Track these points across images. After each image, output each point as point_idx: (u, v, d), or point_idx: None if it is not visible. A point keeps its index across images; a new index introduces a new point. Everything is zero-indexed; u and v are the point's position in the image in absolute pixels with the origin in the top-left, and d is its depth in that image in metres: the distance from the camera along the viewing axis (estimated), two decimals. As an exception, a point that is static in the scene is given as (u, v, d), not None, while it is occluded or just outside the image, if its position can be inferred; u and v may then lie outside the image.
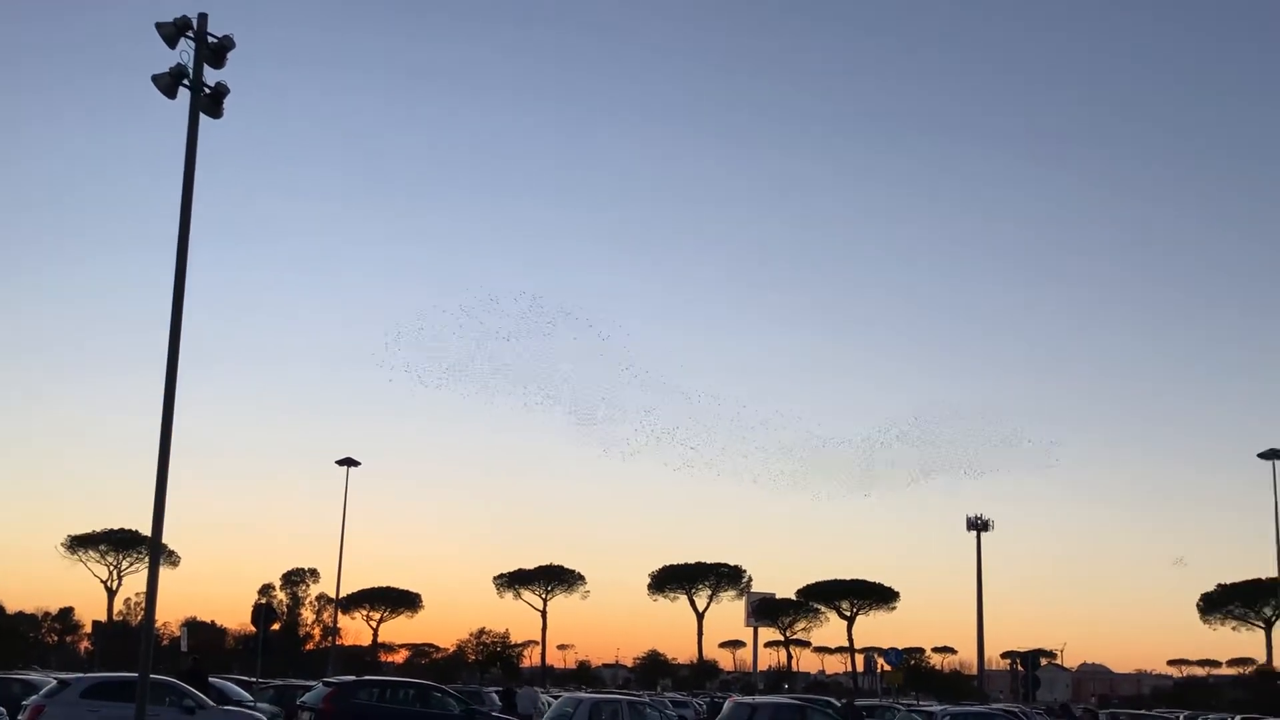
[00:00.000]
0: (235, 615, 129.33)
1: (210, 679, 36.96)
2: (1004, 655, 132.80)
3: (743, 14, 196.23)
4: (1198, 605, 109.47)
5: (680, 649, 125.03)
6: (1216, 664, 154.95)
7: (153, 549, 22.22)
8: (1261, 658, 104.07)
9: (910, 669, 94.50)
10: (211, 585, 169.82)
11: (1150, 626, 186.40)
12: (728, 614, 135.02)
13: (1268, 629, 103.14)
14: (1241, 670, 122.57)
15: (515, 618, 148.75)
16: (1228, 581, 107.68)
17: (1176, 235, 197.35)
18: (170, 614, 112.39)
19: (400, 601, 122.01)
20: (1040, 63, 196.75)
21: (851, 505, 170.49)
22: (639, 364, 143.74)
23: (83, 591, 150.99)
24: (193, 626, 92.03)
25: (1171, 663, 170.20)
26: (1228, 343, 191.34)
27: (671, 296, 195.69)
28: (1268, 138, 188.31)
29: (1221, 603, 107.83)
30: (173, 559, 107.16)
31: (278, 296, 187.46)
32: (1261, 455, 66.86)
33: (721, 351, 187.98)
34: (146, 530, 22.27)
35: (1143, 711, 59.69)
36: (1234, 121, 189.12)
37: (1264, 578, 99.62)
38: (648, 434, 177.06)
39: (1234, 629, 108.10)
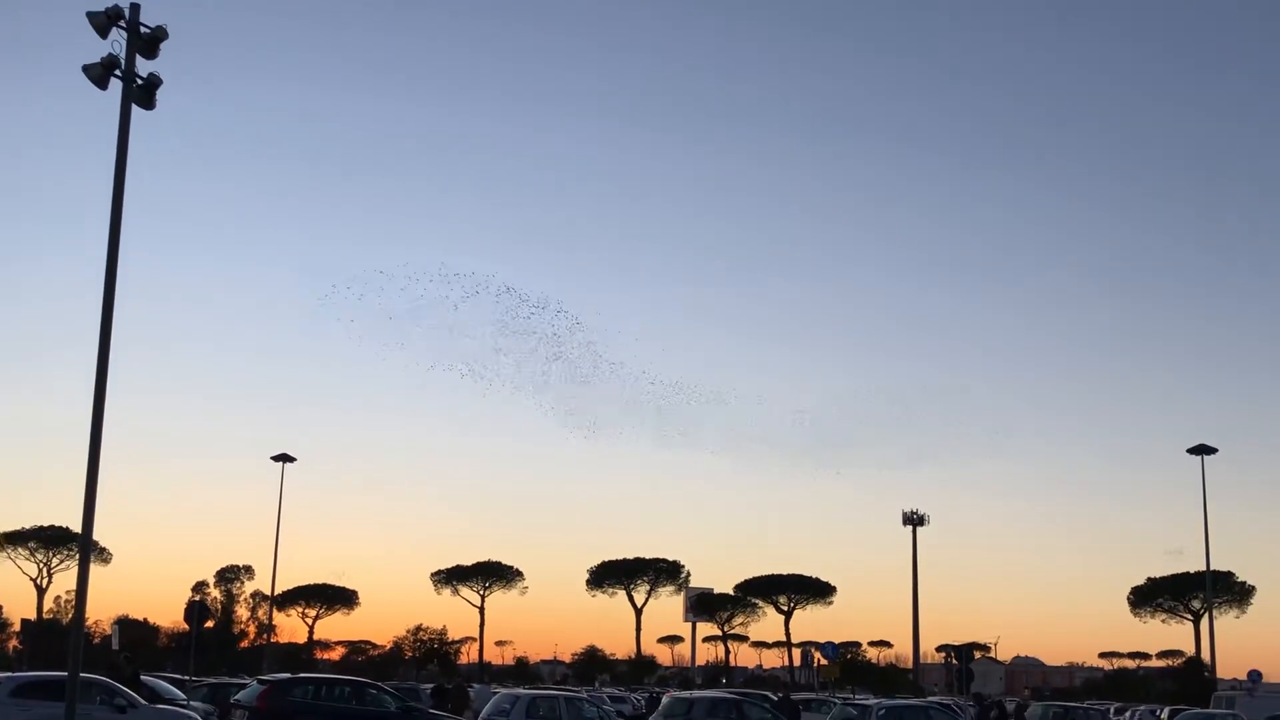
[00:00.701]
0: (168, 613, 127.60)
1: (143, 677, 36.56)
2: (939, 649, 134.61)
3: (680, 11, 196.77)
4: (1128, 598, 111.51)
5: (619, 645, 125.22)
6: (1147, 656, 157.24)
7: (83, 546, 21.98)
8: (1190, 650, 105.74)
9: (846, 663, 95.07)
10: (144, 582, 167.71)
11: (1082, 620, 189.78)
12: (666, 609, 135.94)
13: (1196, 621, 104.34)
14: (1171, 662, 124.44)
15: (453, 614, 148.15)
16: (1157, 575, 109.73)
17: (1113, 235, 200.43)
18: (102, 612, 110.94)
19: (336, 598, 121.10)
20: (983, 60, 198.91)
21: (789, 499, 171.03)
22: (580, 351, 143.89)
23: (11, 589, 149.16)
24: (125, 624, 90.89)
25: (1103, 655, 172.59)
26: (1160, 339, 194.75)
27: (615, 284, 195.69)
28: (1207, 135, 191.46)
29: (1151, 596, 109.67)
30: (104, 556, 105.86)
31: (212, 288, 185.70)
32: (1191, 451, 68.23)
33: (661, 335, 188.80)
34: (77, 526, 22.02)
35: (1074, 704, 60.44)
36: (1177, 118, 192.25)
37: (1192, 571, 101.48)
38: (588, 425, 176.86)
39: (1164, 622, 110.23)
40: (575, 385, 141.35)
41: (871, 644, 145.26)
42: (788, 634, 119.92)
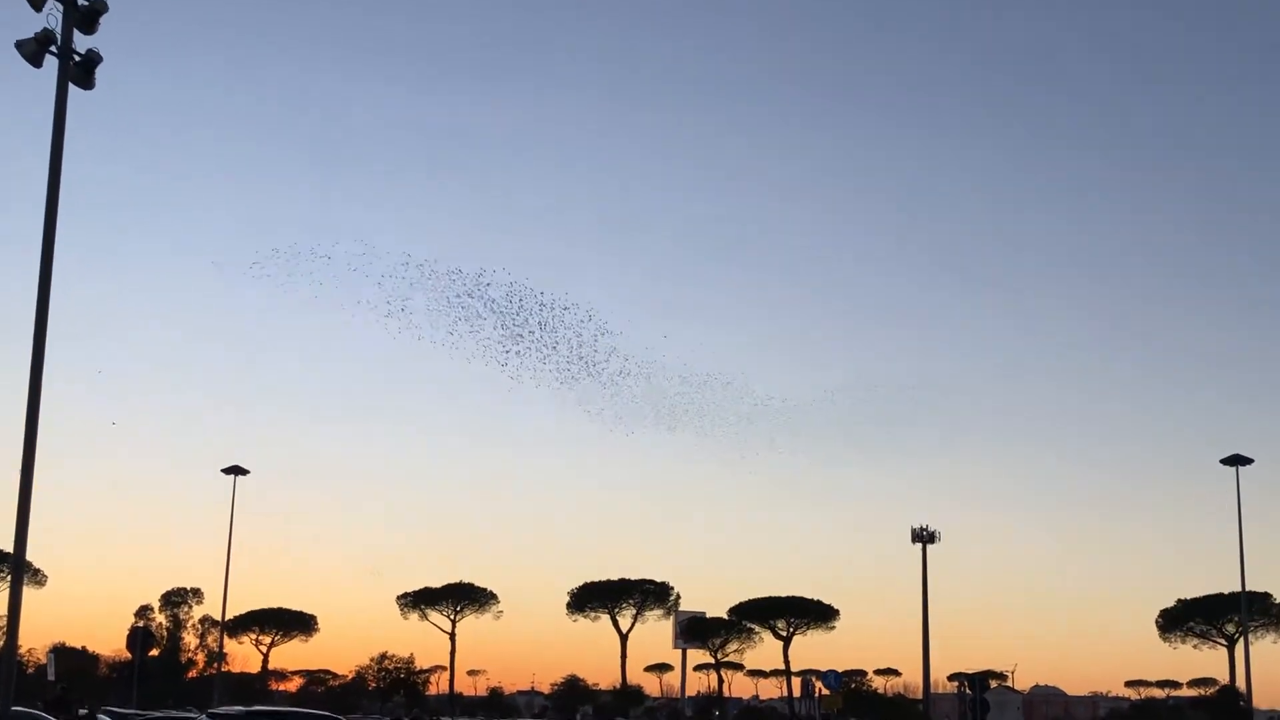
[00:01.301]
0: (109, 640, 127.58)
1: (82, 710, 36.54)
2: (951, 677, 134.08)
3: None
4: (1157, 622, 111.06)
5: (602, 673, 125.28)
6: (1177, 685, 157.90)
7: (15, 566, 21.93)
8: (1224, 677, 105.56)
9: (851, 693, 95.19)
10: (82, 606, 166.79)
11: (1107, 645, 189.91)
12: (654, 635, 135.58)
13: (1230, 647, 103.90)
14: (1203, 691, 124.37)
15: (421, 641, 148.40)
16: (1189, 596, 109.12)
17: (1140, 240, 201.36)
18: (35, 639, 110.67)
19: (293, 624, 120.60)
20: (977, 45, 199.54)
21: (788, 515, 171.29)
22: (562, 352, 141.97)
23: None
24: (61, 653, 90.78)
25: (1129, 684, 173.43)
26: (1191, 343, 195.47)
27: (604, 276, 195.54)
28: (1255, 137, 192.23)
29: (1182, 619, 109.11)
30: (38, 578, 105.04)
31: (158, 280, 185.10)
32: (1224, 461, 68.34)
33: (647, 331, 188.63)
34: (8, 545, 21.94)
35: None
36: (1219, 117, 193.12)
37: (1226, 592, 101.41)
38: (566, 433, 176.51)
39: (1195, 647, 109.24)
40: (557, 389, 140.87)
41: (878, 672, 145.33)
42: (786, 661, 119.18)
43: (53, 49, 22.16)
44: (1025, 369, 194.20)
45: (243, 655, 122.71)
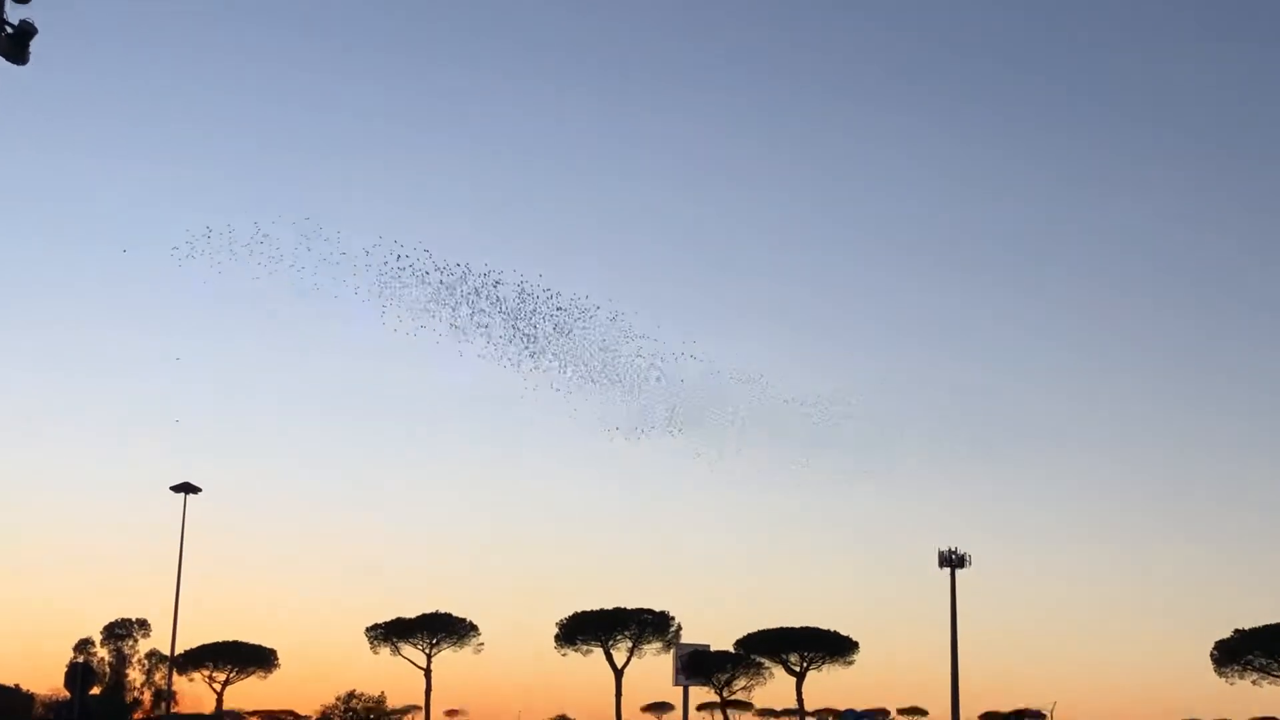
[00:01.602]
0: (45, 677, 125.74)
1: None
2: (983, 716, 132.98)
3: None
4: (1212, 655, 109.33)
5: (594, 713, 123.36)
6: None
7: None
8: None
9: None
10: (14, 641, 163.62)
11: (1157, 680, 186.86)
12: (652, 670, 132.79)
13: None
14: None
15: (393, 677, 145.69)
16: (1247, 626, 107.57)
17: (1197, 252, 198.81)
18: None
19: (251, 658, 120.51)
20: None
21: (801, 537, 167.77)
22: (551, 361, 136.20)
23: None
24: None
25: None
26: (1250, 351, 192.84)
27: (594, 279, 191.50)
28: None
29: (1239, 651, 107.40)
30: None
31: (90, 274, 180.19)
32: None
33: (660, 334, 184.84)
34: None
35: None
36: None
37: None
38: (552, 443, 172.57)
39: (1254, 683, 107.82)
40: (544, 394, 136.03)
41: (902, 711, 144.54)
42: (800, 700, 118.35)
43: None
44: (1069, 382, 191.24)
45: (194, 694, 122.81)
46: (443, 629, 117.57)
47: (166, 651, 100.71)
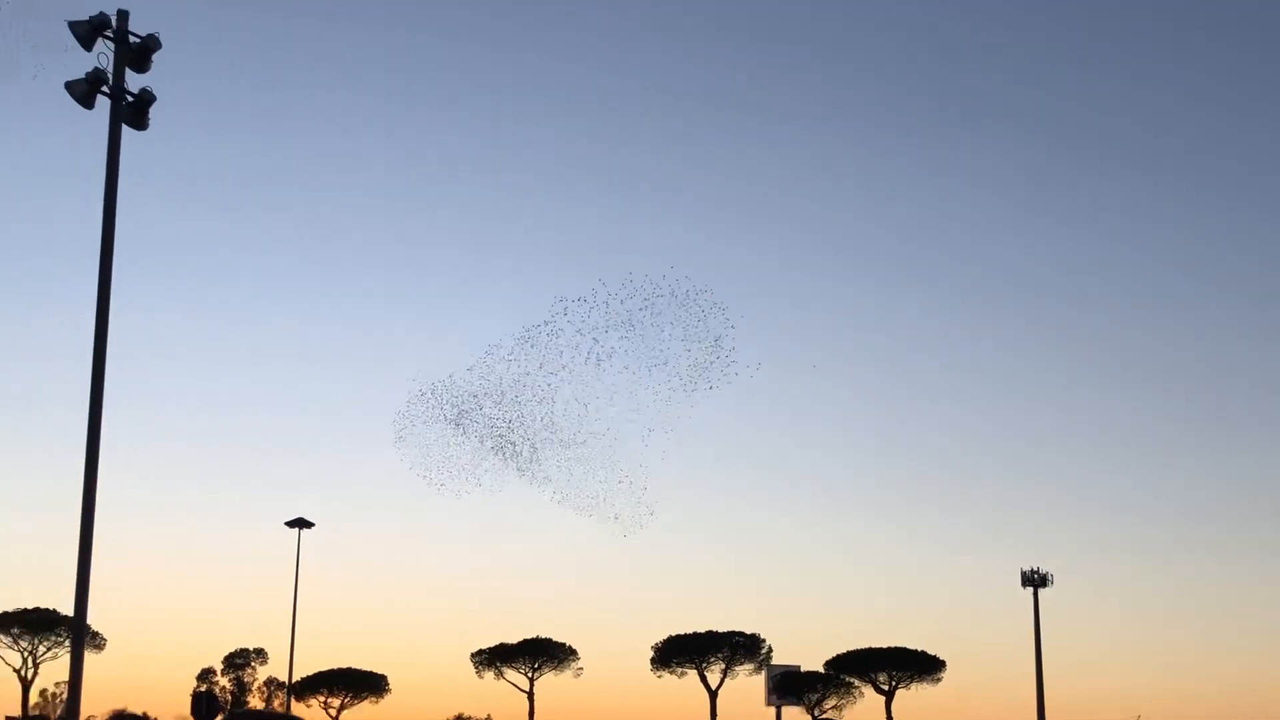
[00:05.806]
0: (172, 705, 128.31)
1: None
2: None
3: None
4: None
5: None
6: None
7: (75, 630, 22.08)
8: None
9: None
10: (143, 671, 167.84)
11: (1251, 700, 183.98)
12: (745, 691, 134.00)
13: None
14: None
15: (498, 700, 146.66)
16: None
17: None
18: (96, 705, 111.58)
19: (364, 684, 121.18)
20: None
21: (887, 557, 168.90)
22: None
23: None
24: (122, 719, 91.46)
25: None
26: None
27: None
28: None
29: None
30: (97, 641, 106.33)
31: (214, 332, 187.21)
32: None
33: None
34: (67, 609, 22.07)
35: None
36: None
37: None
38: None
39: None
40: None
41: None
42: (889, 718, 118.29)
43: (104, 89, 22.32)
44: (1152, 388, 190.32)
45: (311, 718, 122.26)
46: (543, 654, 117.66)
47: (284, 679, 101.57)
